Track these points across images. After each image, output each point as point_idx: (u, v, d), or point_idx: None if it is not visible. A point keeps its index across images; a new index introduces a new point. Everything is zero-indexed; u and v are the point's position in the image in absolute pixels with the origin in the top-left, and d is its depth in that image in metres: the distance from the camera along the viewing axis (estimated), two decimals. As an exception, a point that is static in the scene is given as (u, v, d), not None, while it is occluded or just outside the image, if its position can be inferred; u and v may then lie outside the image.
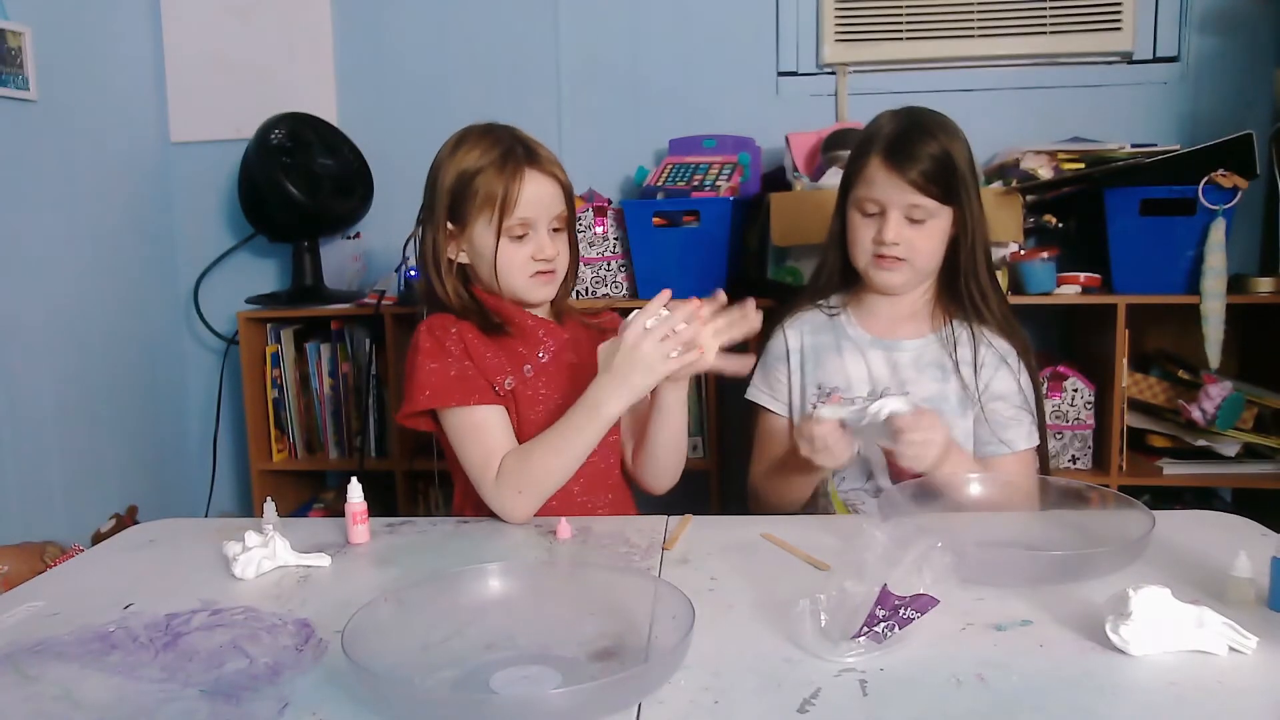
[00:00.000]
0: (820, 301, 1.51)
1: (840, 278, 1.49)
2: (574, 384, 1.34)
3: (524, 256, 1.33)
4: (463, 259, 1.36)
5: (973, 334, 1.42)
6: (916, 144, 1.34)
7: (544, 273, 1.35)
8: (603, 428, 1.25)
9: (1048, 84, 2.37)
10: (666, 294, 1.22)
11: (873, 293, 1.46)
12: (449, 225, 1.34)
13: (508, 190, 1.29)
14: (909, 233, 1.36)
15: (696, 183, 2.20)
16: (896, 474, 1.39)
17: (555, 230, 1.35)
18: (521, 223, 1.31)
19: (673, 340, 1.20)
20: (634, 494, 1.49)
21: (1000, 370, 1.41)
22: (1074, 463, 2.13)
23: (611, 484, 1.42)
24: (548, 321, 1.40)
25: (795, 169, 2.23)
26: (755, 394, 1.52)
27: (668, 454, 1.38)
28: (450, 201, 1.33)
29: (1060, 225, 2.19)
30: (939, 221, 1.36)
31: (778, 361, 1.51)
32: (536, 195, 1.31)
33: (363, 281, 2.58)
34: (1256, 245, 2.29)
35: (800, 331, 1.51)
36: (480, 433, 1.29)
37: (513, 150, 1.31)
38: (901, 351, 1.44)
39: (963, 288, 1.41)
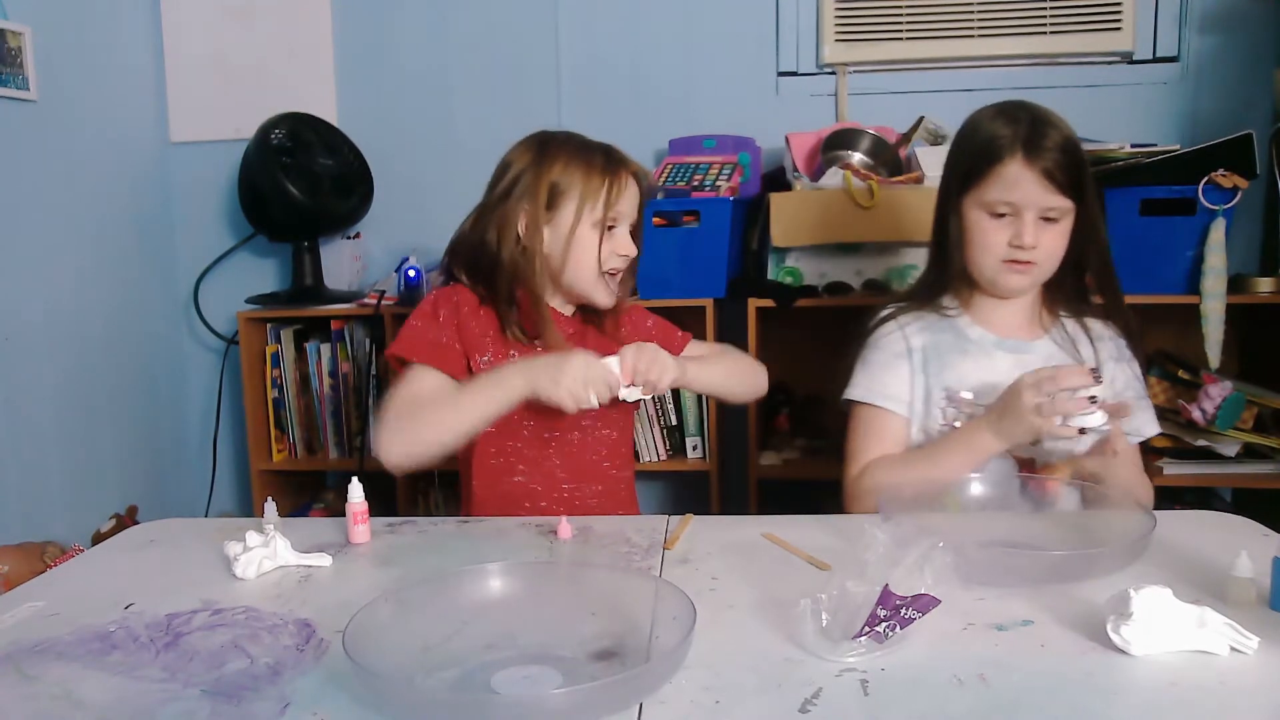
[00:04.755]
0: (932, 303, 1.43)
1: (953, 281, 1.41)
2: None
3: (607, 251, 1.36)
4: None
5: (1085, 329, 1.40)
6: (1049, 137, 1.29)
7: (615, 271, 1.38)
8: (501, 403, 1.25)
9: (1048, 84, 2.37)
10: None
11: (989, 295, 1.39)
12: (548, 214, 1.36)
13: (613, 185, 1.34)
14: (1043, 235, 1.31)
15: (696, 183, 2.20)
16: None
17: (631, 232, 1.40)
18: (618, 217, 1.36)
19: (596, 386, 1.21)
20: (631, 482, 1.49)
21: (1120, 364, 1.40)
22: (1074, 463, 2.13)
23: (602, 477, 1.42)
24: (560, 314, 1.42)
25: (795, 169, 2.23)
26: (867, 395, 1.41)
27: (723, 393, 1.47)
28: (550, 189, 1.34)
29: (1060, 225, 2.18)
30: (1068, 222, 1.33)
31: (897, 360, 1.41)
32: (630, 195, 1.37)
33: (363, 281, 2.58)
34: (1256, 245, 2.29)
35: (918, 331, 1.42)
36: (413, 381, 1.32)
37: (611, 151, 1.37)
38: (1030, 353, 1.38)
39: (1071, 285, 1.39)
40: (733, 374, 1.46)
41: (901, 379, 1.40)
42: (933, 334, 1.41)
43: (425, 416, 1.27)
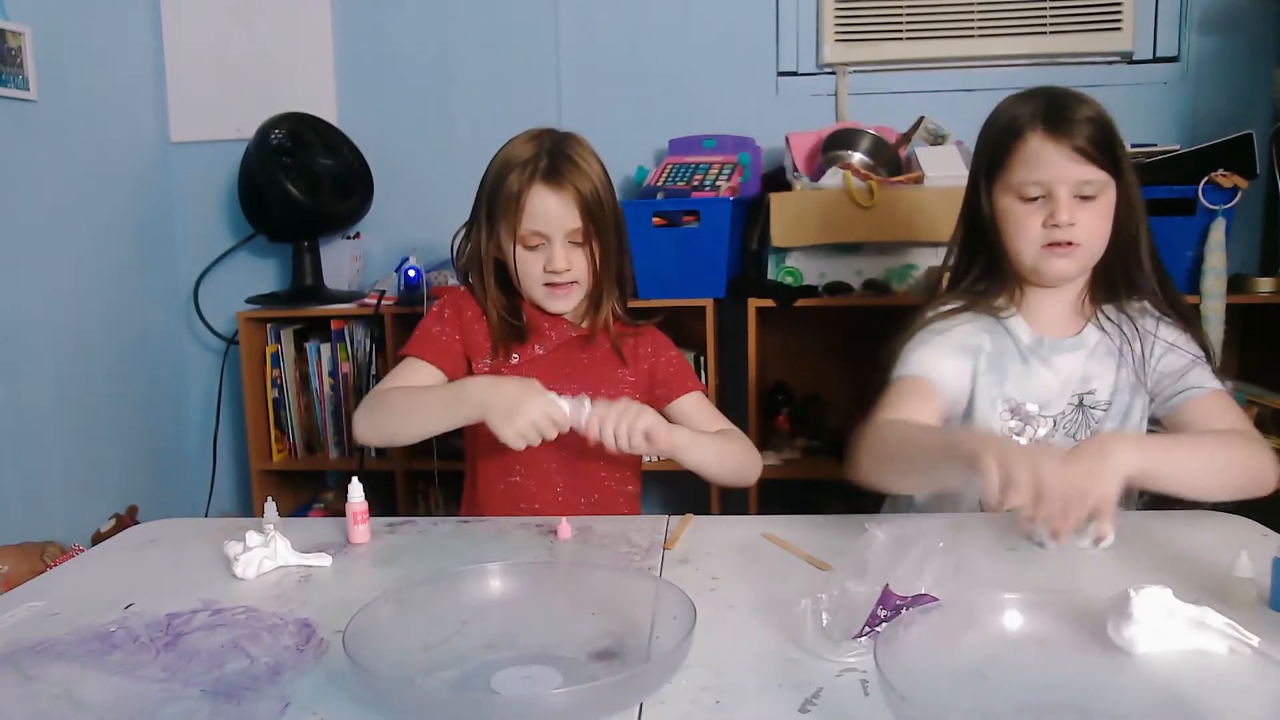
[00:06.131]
0: (984, 304, 1.33)
1: (998, 279, 1.32)
2: (553, 382, 1.34)
3: (538, 267, 1.34)
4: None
5: (1124, 312, 1.31)
6: (1073, 110, 1.22)
7: (556, 285, 1.35)
8: (457, 418, 1.27)
9: (1048, 84, 2.36)
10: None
11: (1037, 287, 1.30)
12: (486, 224, 1.37)
13: (519, 199, 1.31)
14: (1081, 213, 1.22)
15: (696, 183, 2.20)
16: None
17: (574, 244, 1.35)
18: (533, 233, 1.33)
19: (545, 430, 1.19)
20: (634, 497, 1.48)
21: (1161, 329, 1.29)
22: (1074, 463, 2.13)
23: (599, 488, 1.41)
24: (560, 320, 1.41)
25: (795, 169, 2.23)
26: (919, 369, 1.27)
27: (707, 476, 1.37)
28: (488, 200, 1.36)
29: (1060, 225, 2.19)
30: (1107, 198, 1.23)
31: (960, 352, 1.29)
32: (544, 209, 1.32)
33: (363, 281, 2.58)
34: (1256, 245, 2.29)
35: (984, 332, 1.31)
36: (399, 372, 1.37)
37: (536, 159, 1.32)
38: (1082, 347, 1.30)
39: (1119, 272, 1.28)
40: (727, 457, 1.36)
41: (956, 369, 1.28)
42: (994, 339, 1.31)
43: (392, 407, 1.33)
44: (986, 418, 1.29)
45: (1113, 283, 1.30)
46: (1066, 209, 1.21)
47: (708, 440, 1.35)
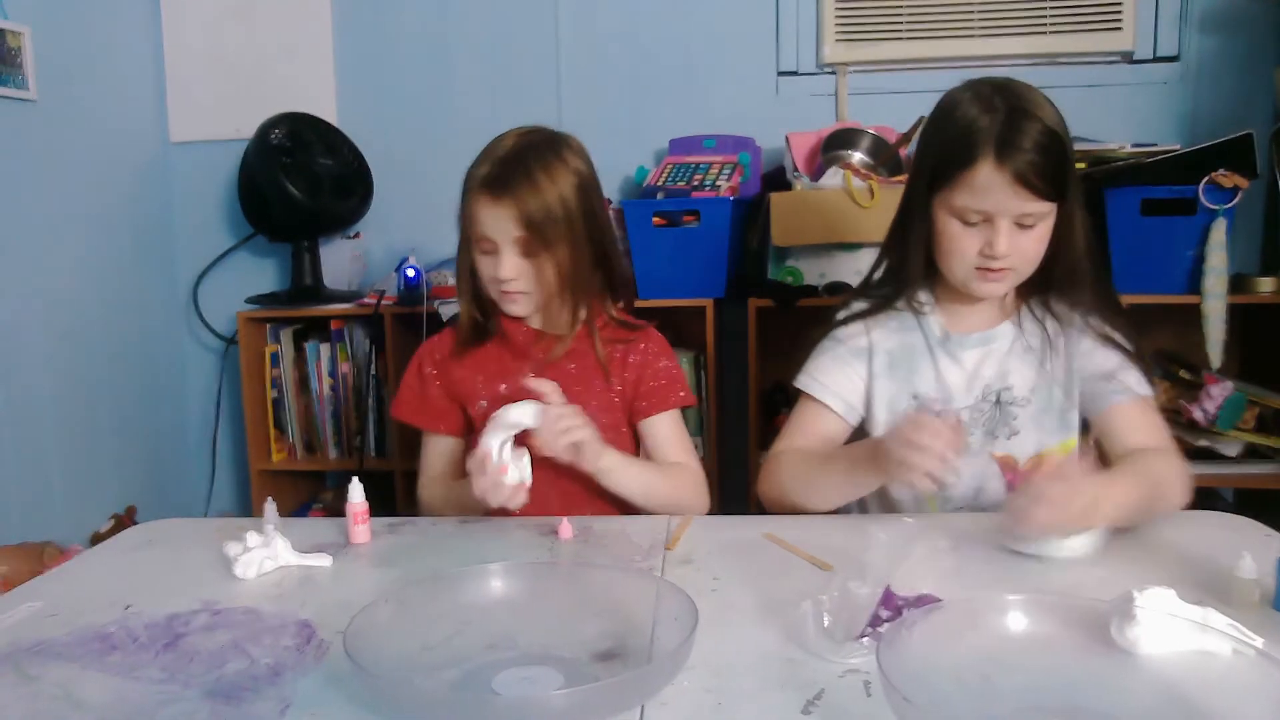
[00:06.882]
0: (903, 299, 1.34)
1: (925, 277, 1.32)
2: None
3: (489, 272, 1.34)
4: None
5: (1049, 308, 1.31)
6: (1026, 134, 1.18)
7: (506, 293, 1.35)
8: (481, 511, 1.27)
9: (1048, 84, 2.33)
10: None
11: (963, 298, 1.31)
12: (460, 218, 1.38)
13: (469, 202, 1.33)
14: (1019, 240, 1.21)
15: (696, 183, 2.19)
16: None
17: (524, 254, 1.32)
18: (483, 238, 1.33)
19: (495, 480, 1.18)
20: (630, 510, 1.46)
21: (1087, 331, 1.29)
22: (1075, 463, 2.13)
23: (603, 509, 1.38)
24: (545, 336, 1.40)
25: (795, 169, 2.23)
26: (809, 385, 1.34)
27: (640, 503, 1.34)
28: (462, 193, 1.37)
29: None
30: (1047, 223, 1.22)
31: (855, 357, 1.34)
32: (489, 217, 1.31)
33: (363, 281, 2.58)
34: (1257, 245, 2.29)
35: (888, 331, 1.34)
36: (425, 454, 1.48)
37: (487, 167, 1.32)
38: (991, 342, 1.31)
39: (1051, 278, 1.27)
40: (655, 494, 1.33)
41: (851, 378, 1.34)
42: (903, 335, 1.34)
43: (437, 510, 1.41)
44: (890, 414, 1.32)
45: (1044, 285, 1.29)
46: (1005, 241, 1.20)
47: (639, 471, 1.34)
